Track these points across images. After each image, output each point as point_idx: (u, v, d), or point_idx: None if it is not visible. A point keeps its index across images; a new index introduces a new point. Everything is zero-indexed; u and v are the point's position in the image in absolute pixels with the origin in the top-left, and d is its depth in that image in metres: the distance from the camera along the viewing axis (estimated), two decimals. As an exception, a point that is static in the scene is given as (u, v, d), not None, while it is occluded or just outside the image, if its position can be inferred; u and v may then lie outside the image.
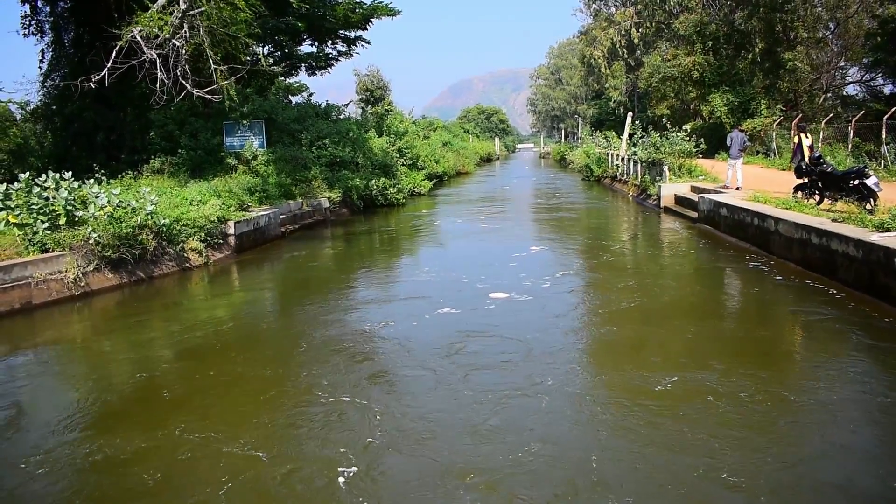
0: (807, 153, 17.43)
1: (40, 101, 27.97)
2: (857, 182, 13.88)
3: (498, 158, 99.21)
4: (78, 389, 8.59)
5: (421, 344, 9.82)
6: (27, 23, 26.39)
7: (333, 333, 10.76)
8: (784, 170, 26.95)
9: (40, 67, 26.87)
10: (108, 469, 6.33)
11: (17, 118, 29.89)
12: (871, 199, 13.51)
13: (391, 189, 29.84)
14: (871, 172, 13.97)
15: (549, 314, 11.24)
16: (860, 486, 5.66)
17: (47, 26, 26.75)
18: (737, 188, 20.88)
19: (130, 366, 9.44)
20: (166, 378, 8.86)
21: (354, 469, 6.02)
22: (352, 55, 39.08)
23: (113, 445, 6.75)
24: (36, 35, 26.63)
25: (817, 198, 15.27)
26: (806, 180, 15.78)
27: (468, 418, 7.02)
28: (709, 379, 7.91)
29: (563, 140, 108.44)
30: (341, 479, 5.87)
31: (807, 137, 17.96)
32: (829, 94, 40.28)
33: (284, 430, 7.04)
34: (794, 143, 18.28)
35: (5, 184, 13.74)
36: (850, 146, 27.12)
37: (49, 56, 26.74)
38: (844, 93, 41.85)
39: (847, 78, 42.31)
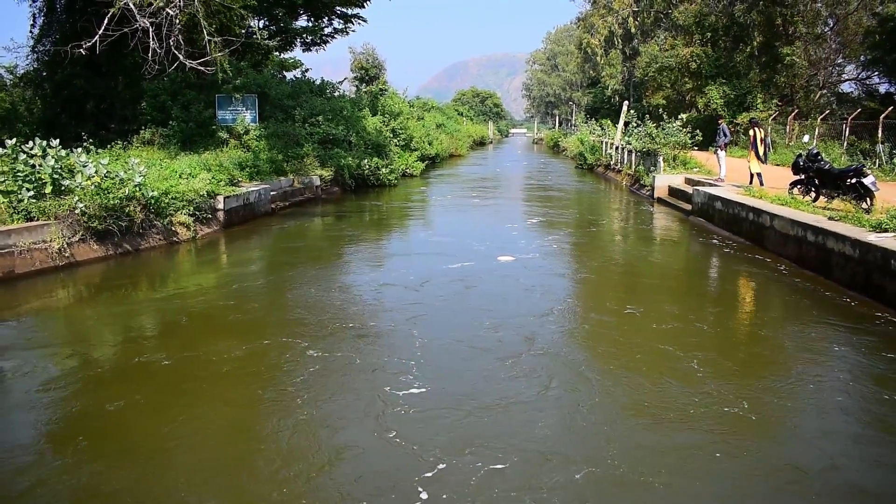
0: (760, 147, 19.11)
1: (30, 66, 27.45)
2: (854, 181, 13.77)
3: (491, 142, 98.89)
4: (145, 330, 9.78)
5: (443, 287, 11.75)
6: (19, -14, 25.88)
7: (355, 283, 12.67)
8: (777, 165, 26.86)
9: (31, 32, 26.34)
10: (224, 368, 7.95)
11: (6, 83, 29.36)
12: (868, 199, 13.42)
13: (383, 169, 29.63)
14: (868, 171, 13.86)
15: (550, 270, 13.66)
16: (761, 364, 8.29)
17: (39, -10, 26.23)
18: (718, 179, 21.48)
19: (175, 311, 10.50)
20: (226, 312, 10.37)
21: (413, 362, 7.95)
22: (348, 33, 38.65)
23: (215, 352, 8.42)
24: (27, -1, 26.11)
25: (813, 195, 15.17)
26: (803, 176, 15.67)
27: (496, 336, 9.06)
28: (667, 308, 10.66)
29: (556, 126, 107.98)
30: (408, 373, 7.62)
31: (760, 131, 19.30)
32: (824, 91, 40.13)
33: (350, 342, 8.76)
34: (751, 136, 19.48)
35: (-9, 149, 13.46)
36: (844, 144, 27.07)
37: (40, 21, 26.21)
38: (840, 90, 41.74)
39: (843, 75, 42.19)
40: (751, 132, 19.67)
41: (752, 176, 19.52)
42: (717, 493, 5.35)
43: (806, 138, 25.55)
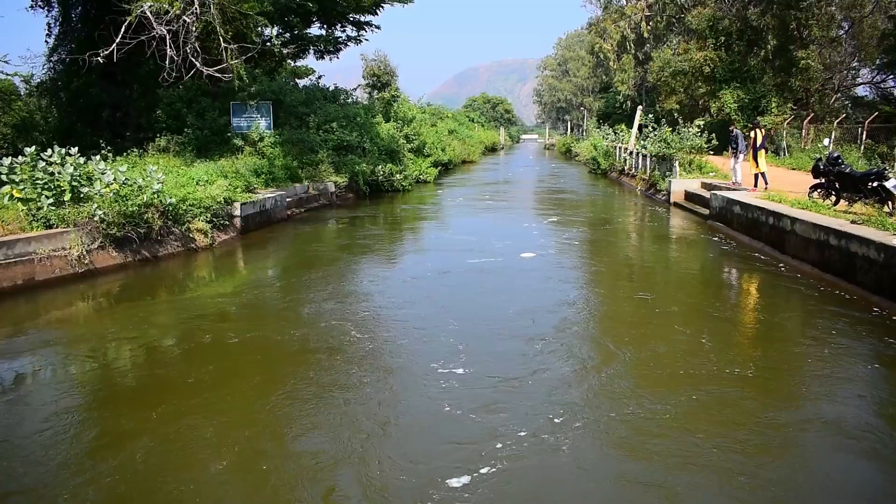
0: (760, 149, 19.47)
1: (46, 75, 27.59)
2: (876, 184, 13.64)
3: (502, 148, 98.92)
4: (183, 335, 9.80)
5: (470, 280, 12.79)
6: (34, -5, 25.98)
7: (386, 276, 13.60)
8: (793, 169, 26.69)
9: (47, 42, 26.46)
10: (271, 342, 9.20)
11: (22, 92, 29.53)
12: (891, 202, 13.27)
13: (397, 175, 29.65)
14: (890, 175, 13.72)
15: (570, 265, 14.80)
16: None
17: (55, 0, 26.36)
18: (734, 183, 21.27)
19: (221, 304, 11.38)
20: (271, 303, 11.40)
21: (452, 345, 8.82)
22: (361, 41, 38.55)
23: (276, 332, 9.49)
24: (43, 9, 26.22)
25: (834, 198, 15.02)
26: (823, 180, 15.52)
27: (524, 320, 9.99)
28: (680, 298, 11.80)
29: (568, 132, 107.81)
30: (450, 353, 8.47)
31: (760, 132, 19.64)
32: (839, 95, 39.85)
33: (392, 326, 9.80)
34: (752, 137, 19.76)
35: (10, 158, 13.49)
36: (861, 147, 26.86)
37: (56, 30, 26.36)
38: (855, 94, 41.45)
39: (858, 79, 41.88)
40: (751, 134, 19.85)
41: (756, 177, 19.71)
42: (716, 426, 6.50)
43: (826, 142, 25.35)
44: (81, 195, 13.55)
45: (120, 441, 6.27)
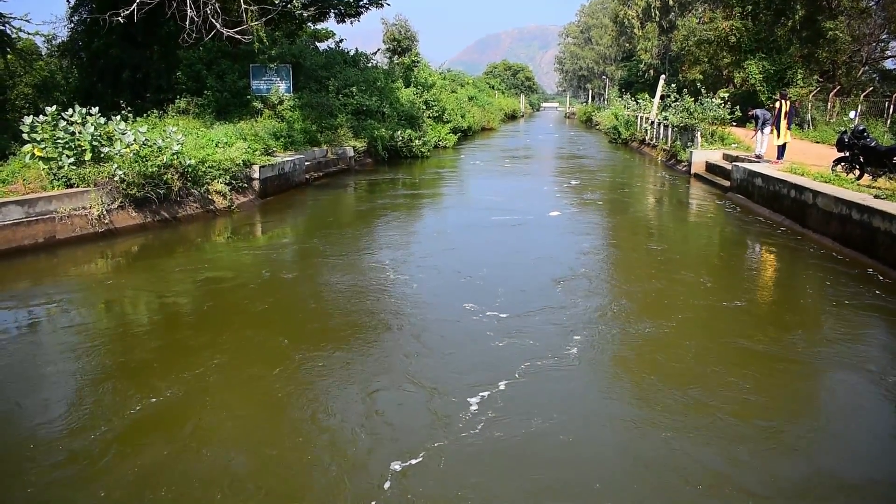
0: (783, 121, 19.15)
1: (67, 36, 27.63)
2: (901, 159, 13.43)
3: (522, 116, 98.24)
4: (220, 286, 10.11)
5: (499, 233, 13.93)
6: (56, -46, 25.94)
7: (417, 230, 14.86)
8: (817, 142, 26.33)
9: (68, 1, 26.48)
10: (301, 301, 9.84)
11: (43, 52, 29.61)
12: (916, 177, 13.09)
13: (416, 141, 29.54)
14: (917, 150, 13.51)
15: (592, 221, 16.25)
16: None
17: (76, -42, 26.27)
18: (757, 156, 20.80)
19: (262, 255, 12.17)
20: (310, 255, 12.14)
21: (487, 287, 9.88)
22: (382, 5, 38.10)
23: (329, 274, 10.70)
24: (64, -33, 26.15)
25: (857, 172, 14.82)
26: (847, 154, 15.30)
27: (552, 266, 11.28)
28: (674, 248, 13.27)
29: (589, 101, 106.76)
30: (487, 295, 9.43)
31: (786, 104, 19.24)
32: (867, 67, 39.07)
33: (428, 271, 10.85)
34: (776, 108, 19.46)
35: (31, 117, 13.54)
36: (888, 122, 26.42)
37: (77, -11, 26.32)
38: (883, 66, 40.61)
39: (887, 52, 40.99)
40: (776, 104, 19.49)
41: (778, 149, 19.44)
42: (705, 341, 7.85)
43: (852, 114, 24.96)
44: (102, 155, 13.61)
45: (191, 355, 7.25)
